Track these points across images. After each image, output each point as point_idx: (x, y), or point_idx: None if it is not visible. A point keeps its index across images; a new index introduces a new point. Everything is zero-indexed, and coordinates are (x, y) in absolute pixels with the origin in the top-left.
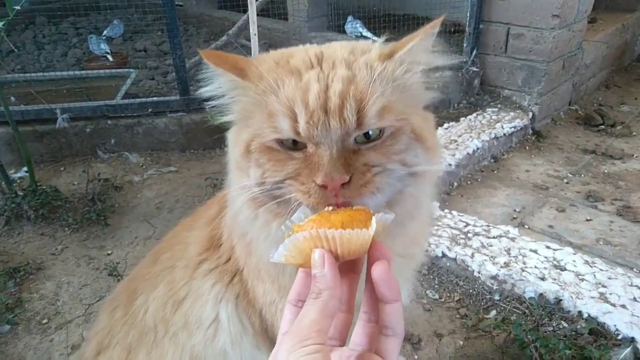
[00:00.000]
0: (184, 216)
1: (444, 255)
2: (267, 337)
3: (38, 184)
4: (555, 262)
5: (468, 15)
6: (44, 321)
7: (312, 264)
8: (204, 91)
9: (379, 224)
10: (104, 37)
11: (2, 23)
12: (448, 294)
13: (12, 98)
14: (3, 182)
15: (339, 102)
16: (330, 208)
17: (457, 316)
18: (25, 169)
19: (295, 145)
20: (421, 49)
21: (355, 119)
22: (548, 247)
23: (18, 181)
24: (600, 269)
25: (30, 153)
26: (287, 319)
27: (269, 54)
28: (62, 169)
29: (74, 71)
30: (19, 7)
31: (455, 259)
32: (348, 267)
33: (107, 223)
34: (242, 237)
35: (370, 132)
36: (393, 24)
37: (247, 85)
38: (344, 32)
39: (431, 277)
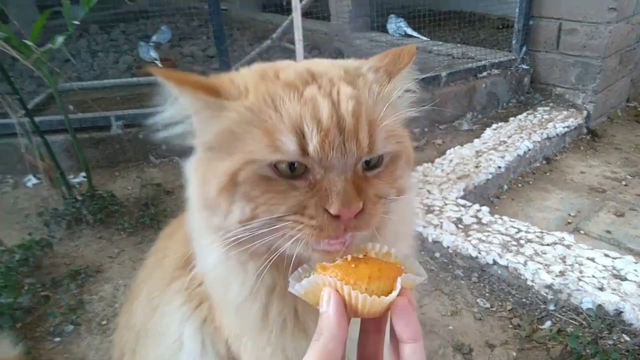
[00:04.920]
0: None
1: (494, 262)
2: None
3: (95, 189)
4: (614, 272)
5: (517, 10)
6: (104, 322)
7: (320, 302)
8: (163, 118)
9: (408, 283)
10: (152, 44)
11: (64, 38)
12: (500, 303)
13: (71, 106)
14: (64, 188)
15: (354, 121)
16: (360, 255)
17: (510, 326)
18: (83, 174)
19: (292, 171)
20: (408, 72)
21: (367, 142)
22: (606, 255)
23: (77, 186)
24: None
25: (88, 159)
26: None
27: (243, 69)
28: (117, 174)
29: (126, 78)
30: (77, 22)
31: (507, 267)
32: (373, 325)
33: (160, 227)
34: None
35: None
36: (437, 22)
37: (224, 103)
38: (386, 31)
39: (482, 285)
